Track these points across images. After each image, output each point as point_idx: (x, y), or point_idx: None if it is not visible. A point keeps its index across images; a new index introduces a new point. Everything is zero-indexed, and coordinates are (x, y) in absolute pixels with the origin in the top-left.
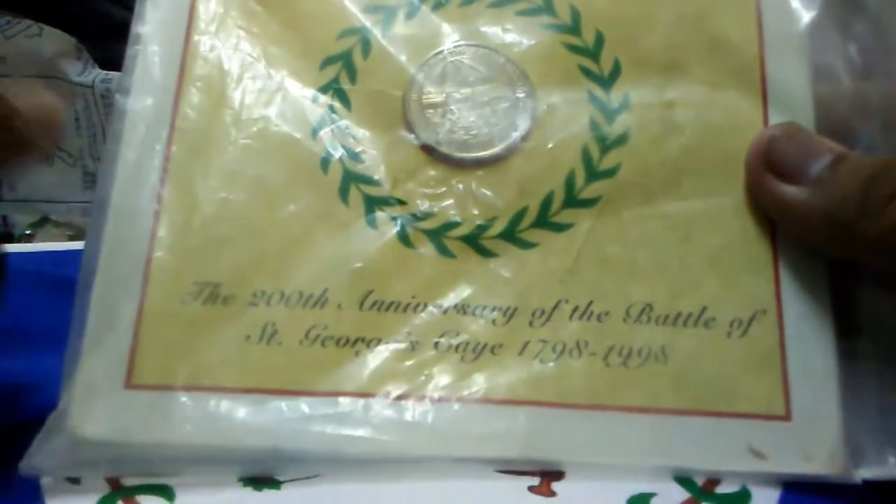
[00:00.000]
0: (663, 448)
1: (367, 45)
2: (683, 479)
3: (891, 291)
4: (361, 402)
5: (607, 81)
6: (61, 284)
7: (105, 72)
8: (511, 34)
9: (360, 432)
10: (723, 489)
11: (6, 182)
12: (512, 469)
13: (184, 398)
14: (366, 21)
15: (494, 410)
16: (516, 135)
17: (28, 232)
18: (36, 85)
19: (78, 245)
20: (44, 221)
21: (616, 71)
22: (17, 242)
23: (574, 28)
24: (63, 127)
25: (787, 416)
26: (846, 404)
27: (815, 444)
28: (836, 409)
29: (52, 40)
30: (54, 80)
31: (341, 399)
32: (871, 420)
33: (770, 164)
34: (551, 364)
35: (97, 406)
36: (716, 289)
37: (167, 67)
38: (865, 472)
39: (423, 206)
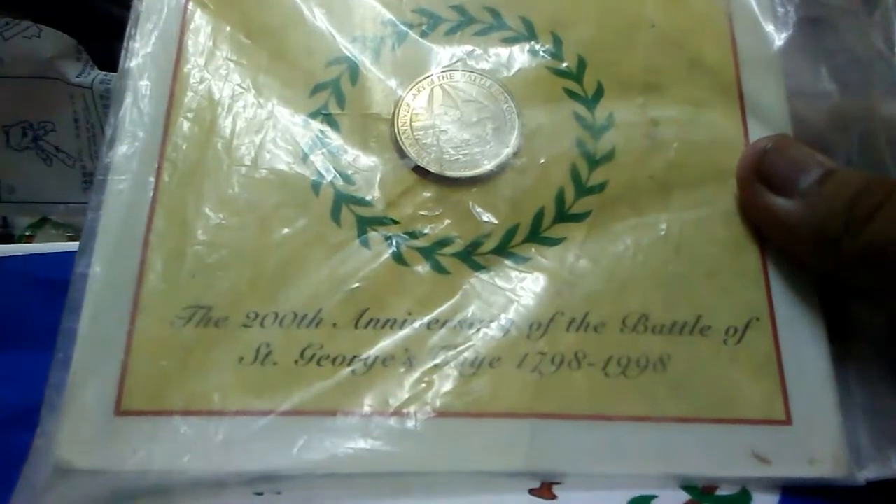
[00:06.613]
0: (667, 456)
1: (355, 71)
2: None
3: (877, 300)
4: (360, 419)
5: (591, 102)
6: (61, 286)
7: (104, 73)
8: (496, 60)
9: (360, 450)
10: (723, 491)
11: (5, 183)
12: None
13: (177, 422)
14: (353, 50)
15: (497, 424)
16: (507, 151)
17: (28, 233)
18: None
19: (77, 246)
20: (43, 222)
21: (599, 92)
22: (17, 243)
23: (557, 54)
24: None
25: (787, 421)
26: (842, 406)
27: (818, 447)
28: (835, 412)
29: (51, 41)
30: (53, 81)
31: (339, 417)
32: (868, 421)
33: (761, 175)
34: (551, 376)
35: (86, 434)
36: (709, 297)
37: (156, 100)
38: (868, 473)
39: (417, 225)
